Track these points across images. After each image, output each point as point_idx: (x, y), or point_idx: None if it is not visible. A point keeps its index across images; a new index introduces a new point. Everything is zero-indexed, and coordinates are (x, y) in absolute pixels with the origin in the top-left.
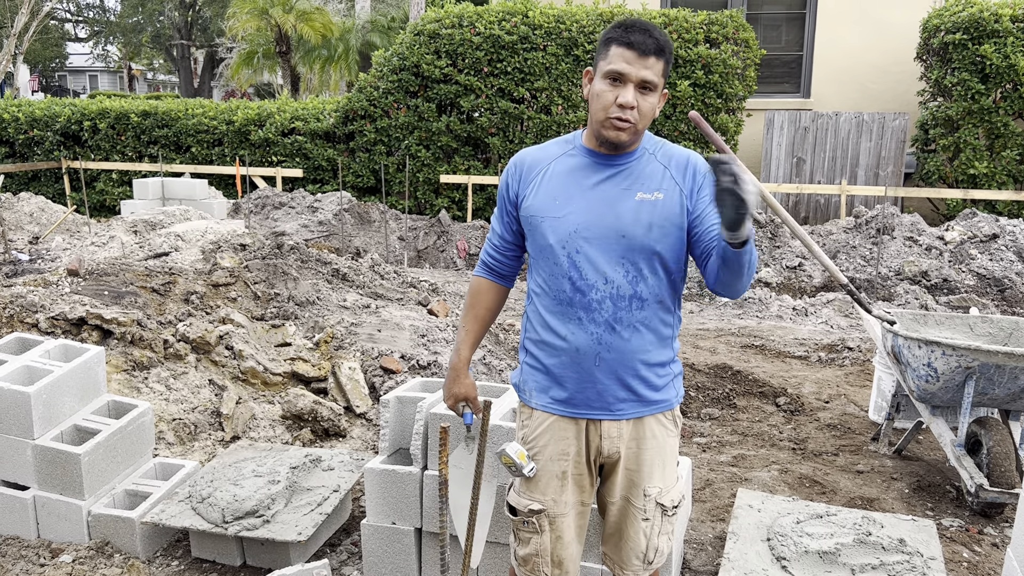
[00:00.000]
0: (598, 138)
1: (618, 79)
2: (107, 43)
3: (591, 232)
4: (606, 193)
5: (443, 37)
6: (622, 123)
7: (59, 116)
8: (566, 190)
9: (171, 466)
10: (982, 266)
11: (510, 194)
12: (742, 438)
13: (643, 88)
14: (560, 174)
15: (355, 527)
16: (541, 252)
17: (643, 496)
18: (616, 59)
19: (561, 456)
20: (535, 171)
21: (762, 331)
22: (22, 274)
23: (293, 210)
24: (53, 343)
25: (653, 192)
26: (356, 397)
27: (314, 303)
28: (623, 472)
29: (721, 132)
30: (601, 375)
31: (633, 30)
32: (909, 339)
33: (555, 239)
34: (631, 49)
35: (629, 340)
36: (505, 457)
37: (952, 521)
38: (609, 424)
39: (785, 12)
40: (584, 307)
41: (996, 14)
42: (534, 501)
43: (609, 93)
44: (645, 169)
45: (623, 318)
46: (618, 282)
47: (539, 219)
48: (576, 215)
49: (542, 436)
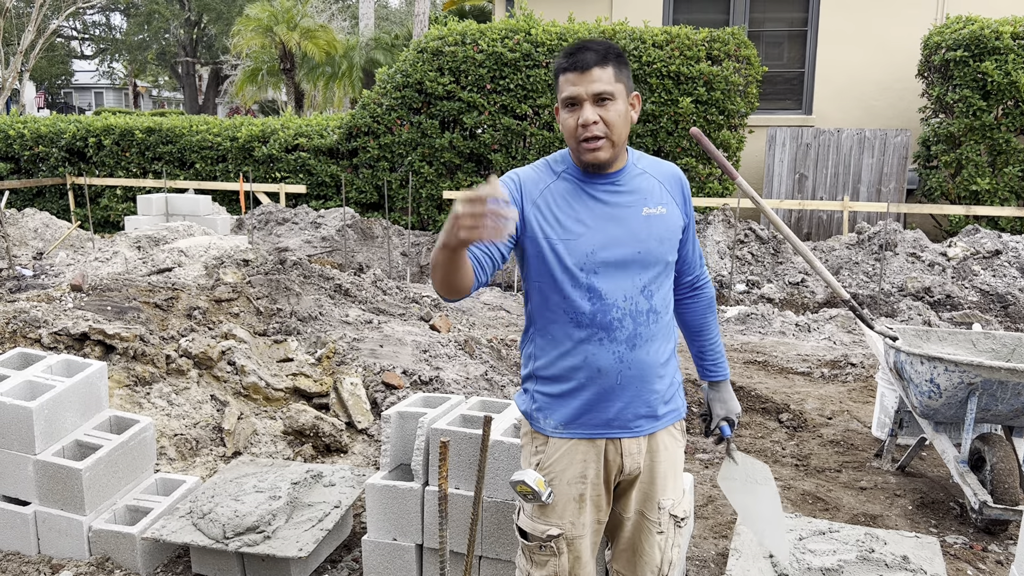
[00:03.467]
0: (582, 165)
1: (573, 103)
2: (113, 60)
3: (609, 251)
4: (614, 211)
5: (446, 54)
6: (592, 141)
7: (64, 132)
8: (575, 211)
9: (172, 481)
10: (985, 282)
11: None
12: (744, 454)
13: (599, 101)
14: (563, 196)
15: (356, 543)
16: (556, 275)
17: (657, 509)
18: (565, 85)
19: (579, 479)
20: (535, 192)
21: (765, 347)
22: (26, 289)
23: (296, 226)
24: (55, 358)
25: (657, 206)
26: (358, 413)
27: (316, 318)
28: (638, 487)
29: (723, 149)
30: (623, 393)
31: (572, 54)
32: (911, 355)
33: (572, 261)
34: (573, 70)
35: (648, 354)
36: (523, 486)
37: (956, 538)
38: (630, 441)
39: (787, 29)
40: (605, 327)
41: (997, 31)
42: (551, 526)
43: (570, 119)
44: (643, 184)
45: (642, 333)
46: (636, 298)
47: (553, 242)
48: (591, 235)
49: (560, 461)
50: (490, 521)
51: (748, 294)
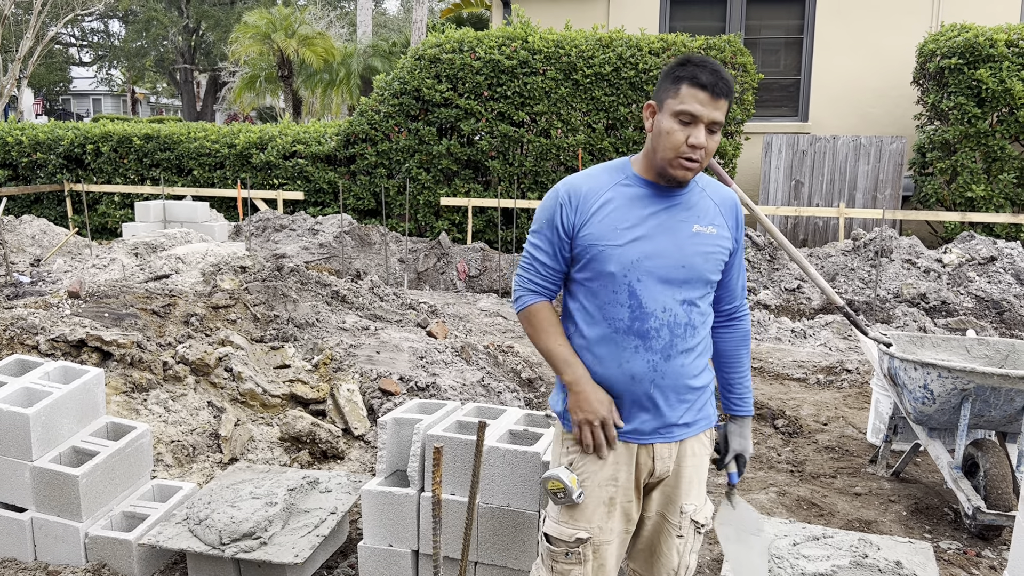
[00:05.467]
0: (662, 174)
1: (691, 121)
2: (111, 67)
3: (653, 262)
4: (666, 223)
5: (444, 62)
6: (691, 163)
7: (62, 139)
8: (627, 219)
9: (169, 488)
10: (980, 288)
11: (566, 225)
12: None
13: (711, 128)
14: (619, 203)
15: (352, 549)
16: (599, 280)
17: (679, 513)
18: (689, 100)
19: (610, 481)
20: (591, 200)
21: (761, 353)
22: (23, 296)
23: (294, 232)
24: (52, 365)
25: (708, 226)
26: (354, 419)
27: (313, 325)
28: (662, 489)
29: (719, 155)
30: (656, 400)
31: (704, 70)
32: (905, 361)
33: (617, 267)
34: (705, 91)
35: (682, 366)
36: (555, 483)
37: (950, 544)
38: (662, 446)
39: (783, 37)
40: (642, 335)
41: (991, 39)
42: (580, 529)
43: (680, 133)
44: (699, 203)
45: (678, 345)
46: (675, 311)
47: (600, 248)
48: (639, 244)
49: (592, 462)
50: (485, 527)
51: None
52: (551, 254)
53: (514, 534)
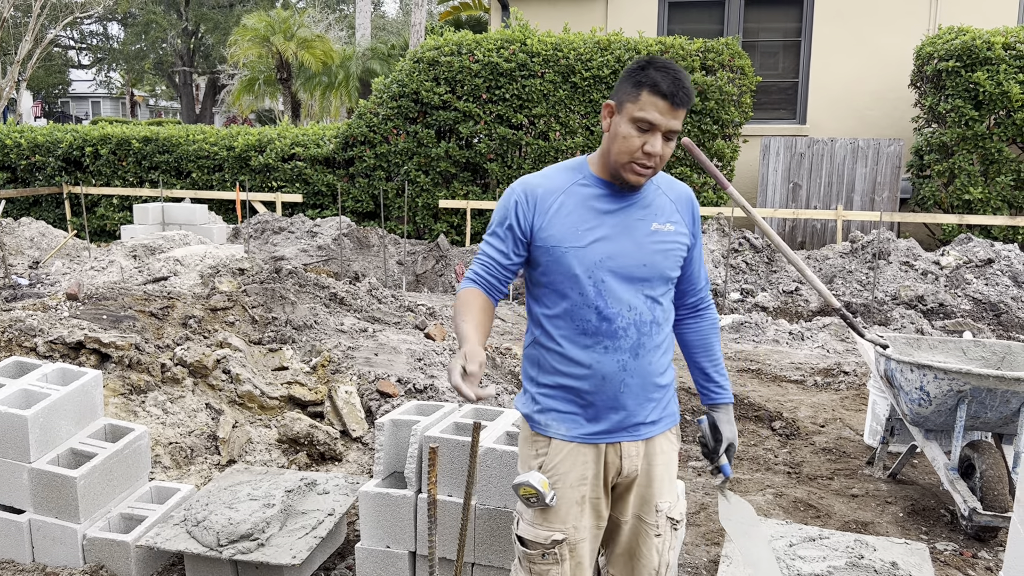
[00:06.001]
0: (616, 177)
1: (649, 128)
2: (110, 70)
3: (616, 261)
4: (624, 223)
5: (442, 64)
6: (645, 169)
7: (61, 142)
8: (587, 220)
9: (167, 490)
10: (978, 291)
11: (523, 224)
12: (737, 462)
13: (667, 136)
14: (577, 204)
15: (350, 551)
16: (564, 282)
17: (655, 512)
18: (649, 108)
19: (581, 481)
20: (548, 200)
21: (758, 355)
22: (22, 298)
23: (292, 235)
24: (51, 367)
25: (666, 223)
26: (352, 421)
27: (311, 327)
28: (635, 490)
29: (717, 158)
30: (625, 400)
31: (666, 77)
32: (901, 363)
33: (580, 269)
34: (665, 100)
35: (650, 364)
36: (527, 488)
37: (946, 545)
38: (629, 445)
39: (781, 40)
40: (610, 335)
41: (988, 42)
42: (555, 531)
43: (636, 139)
44: (656, 200)
45: (645, 343)
46: (640, 308)
47: (563, 250)
48: (601, 245)
49: (563, 463)
50: (482, 528)
51: (742, 303)
52: (503, 252)
53: (510, 535)
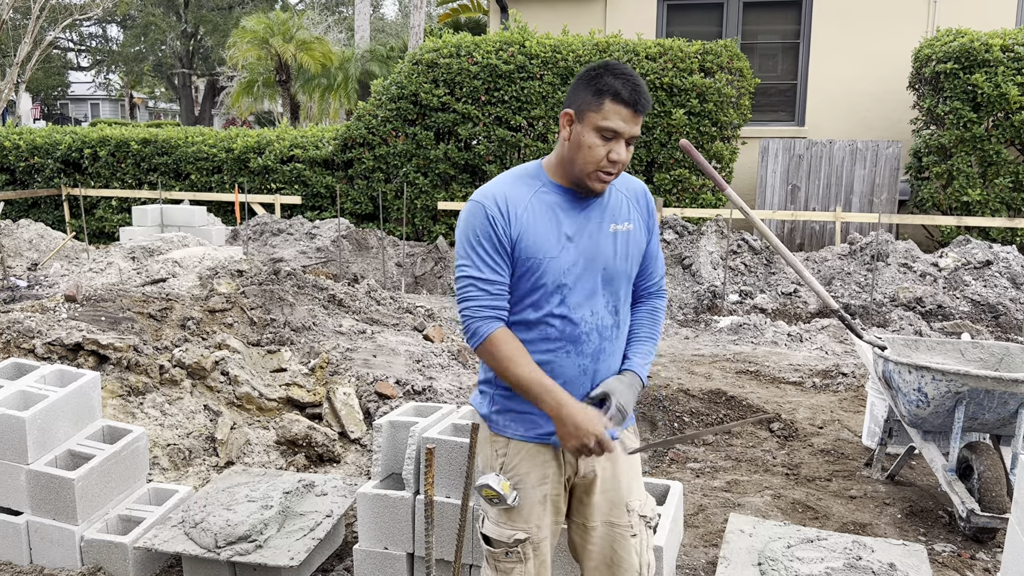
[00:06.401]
0: (579, 185)
1: (612, 136)
2: (109, 72)
3: (579, 267)
4: (586, 228)
5: (441, 66)
6: (609, 176)
7: (60, 144)
8: (554, 228)
9: (165, 491)
10: (976, 292)
11: (503, 236)
12: (736, 463)
13: (629, 142)
14: (544, 213)
15: (348, 552)
16: (533, 291)
17: (627, 512)
18: (613, 117)
19: (542, 481)
20: (517, 210)
21: (757, 357)
22: (20, 300)
23: (291, 236)
24: (49, 368)
25: (623, 223)
26: (351, 422)
27: (310, 329)
28: (601, 495)
29: (716, 160)
30: (585, 403)
31: (627, 85)
32: (899, 364)
33: (550, 278)
34: (628, 108)
35: (609, 368)
36: (488, 490)
37: (944, 546)
38: None
39: (779, 42)
40: (573, 340)
41: (987, 44)
42: (518, 530)
43: (601, 148)
44: (611, 201)
45: (606, 348)
46: (601, 313)
47: (539, 260)
48: (568, 252)
49: (523, 464)
50: None
51: (741, 304)
52: (496, 269)
53: None
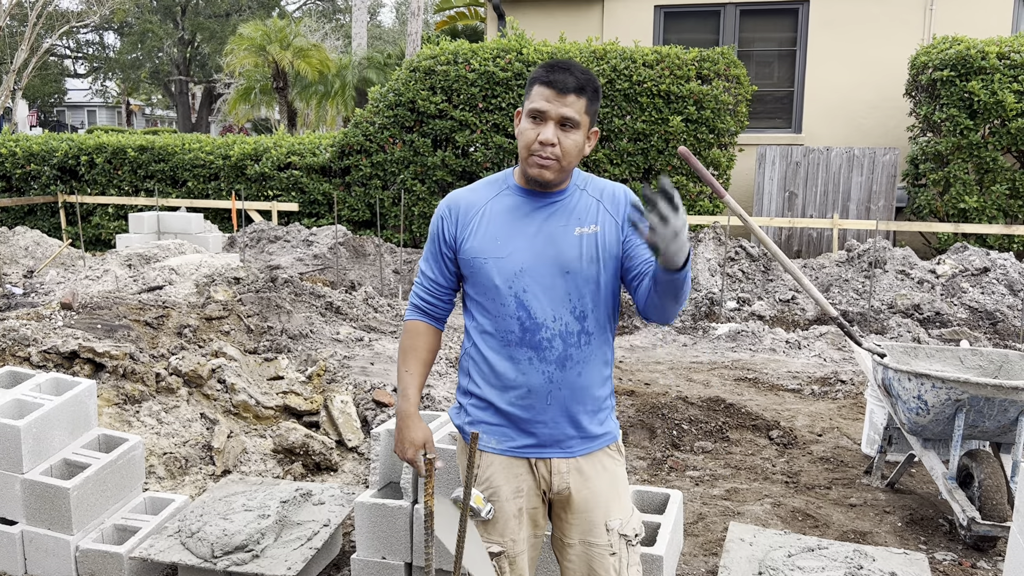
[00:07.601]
0: (525, 176)
1: (538, 117)
2: (106, 79)
3: (537, 270)
4: (546, 230)
5: (438, 73)
6: (544, 160)
7: (56, 151)
8: (506, 230)
9: (161, 500)
10: (974, 299)
11: (447, 237)
12: (735, 471)
13: (564, 125)
14: (498, 214)
15: (345, 562)
16: (486, 294)
17: (606, 531)
18: (537, 98)
19: (516, 494)
20: (471, 213)
21: (755, 364)
22: (16, 308)
23: (288, 244)
24: (44, 376)
25: (590, 225)
26: (348, 431)
27: (307, 336)
28: (577, 515)
29: (713, 167)
30: (553, 413)
31: (554, 70)
32: (899, 372)
33: (501, 280)
34: (550, 88)
35: (580, 375)
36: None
37: (945, 555)
38: (559, 461)
39: (776, 49)
40: (534, 346)
41: (983, 51)
42: (493, 544)
43: (531, 131)
44: (579, 204)
45: (573, 354)
46: (566, 319)
47: (482, 260)
48: (520, 254)
49: (496, 476)
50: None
51: (739, 311)
52: (436, 269)
53: None
